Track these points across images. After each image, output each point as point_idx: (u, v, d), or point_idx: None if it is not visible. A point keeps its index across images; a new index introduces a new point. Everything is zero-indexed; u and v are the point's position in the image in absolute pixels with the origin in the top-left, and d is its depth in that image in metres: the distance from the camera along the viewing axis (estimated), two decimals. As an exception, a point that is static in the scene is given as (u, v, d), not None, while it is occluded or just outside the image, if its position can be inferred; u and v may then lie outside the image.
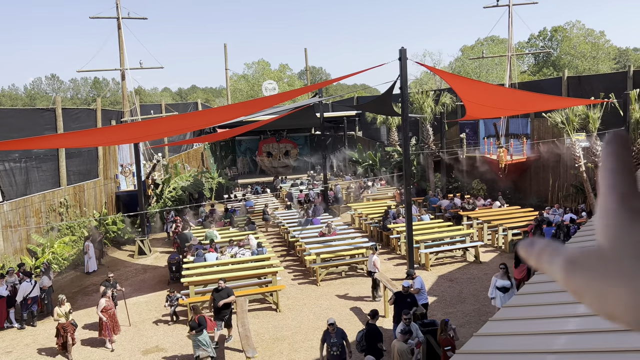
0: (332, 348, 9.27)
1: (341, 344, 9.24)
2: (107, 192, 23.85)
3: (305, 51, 44.83)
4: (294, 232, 19.15)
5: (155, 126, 15.07)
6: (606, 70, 49.67)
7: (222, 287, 11.88)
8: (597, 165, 19.45)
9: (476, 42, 61.70)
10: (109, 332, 11.91)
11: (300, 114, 22.00)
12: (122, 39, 23.56)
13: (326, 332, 9.44)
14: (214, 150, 37.24)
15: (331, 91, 72.04)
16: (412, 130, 30.30)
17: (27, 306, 13.52)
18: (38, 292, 13.84)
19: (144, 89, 74.08)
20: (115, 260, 19.76)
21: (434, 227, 18.91)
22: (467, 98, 15.86)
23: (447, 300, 13.58)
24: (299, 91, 22.44)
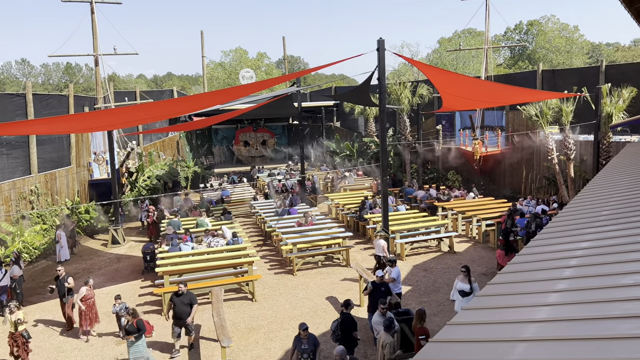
0: (303, 355, 8.64)
1: (312, 351, 8.68)
2: (80, 180, 23.39)
3: (283, 40, 44.53)
4: (271, 222, 19.11)
5: (129, 113, 14.80)
6: (579, 65, 50.59)
7: (183, 291, 10.87)
8: (569, 157, 19.88)
9: (453, 35, 62.13)
10: (87, 322, 11.74)
11: (278, 103, 21.90)
12: (95, 23, 22.99)
13: (297, 338, 8.84)
14: (190, 138, 36.80)
15: (309, 81, 71.80)
16: (390, 121, 30.46)
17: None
18: (8, 282, 13.55)
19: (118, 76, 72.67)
20: (88, 250, 19.44)
21: (409, 217, 19.10)
22: (444, 90, 15.98)
23: (422, 290, 13.76)
24: (276, 80, 22.28)
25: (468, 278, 10.67)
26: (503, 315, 4.39)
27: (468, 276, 10.69)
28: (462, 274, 10.78)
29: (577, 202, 8.88)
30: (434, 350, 4.10)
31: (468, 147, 25.22)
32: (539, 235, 7.01)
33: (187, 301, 10.82)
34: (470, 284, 10.63)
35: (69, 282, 12.33)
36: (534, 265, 5.61)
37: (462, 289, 10.59)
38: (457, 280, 10.84)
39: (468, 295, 10.41)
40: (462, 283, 10.68)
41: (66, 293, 12.25)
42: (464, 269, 10.81)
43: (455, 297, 10.74)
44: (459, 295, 10.59)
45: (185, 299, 10.82)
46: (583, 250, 5.61)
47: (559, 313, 4.03)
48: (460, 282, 10.75)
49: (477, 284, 10.78)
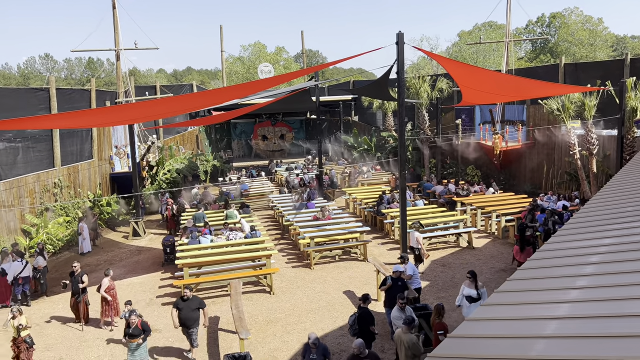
0: None
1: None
2: (102, 173, 23.76)
3: (302, 34, 44.42)
4: (289, 216, 19.19)
5: (150, 108, 14.95)
6: (603, 58, 49.60)
7: (189, 296, 10.33)
8: (592, 153, 19.55)
9: (474, 28, 61.39)
10: (112, 312, 11.99)
11: (296, 97, 21.88)
12: (116, 18, 23.25)
13: (306, 347, 8.45)
14: (209, 133, 37.08)
15: (327, 75, 71.70)
16: (408, 115, 30.28)
17: (18, 286, 13.53)
18: (29, 273, 13.83)
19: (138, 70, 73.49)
20: (109, 242, 19.77)
21: (427, 212, 19.00)
22: (464, 83, 15.80)
23: (440, 285, 13.70)
24: (295, 74, 22.30)
25: (475, 283, 10.23)
26: (523, 311, 4.36)
27: (475, 282, 10.24)
28: (468, 279, 10.32)
29: (600, 198, 8.74)
30: (452, 346, 4.09)
31: (488, 141, 24.94)
32: (560, 232, 6.93)
33: (195, 306, 10.28)
34: (477, 289, 10.19)
35: (83, 280, 12.14)
36: (554, 261, 5.56)
37: (469, 294, 10.16)
38: (464, 286, 10.37)
39: (476, 302, 10.00)
40: (469, 289, 10.22)
41: (80, 292, 12.10)
42: (470, 274, 10.35)
43: (462, 303, 10.29)
44: (466, 301, 10.18)
45: (193, 304, 10.28)
46: (605, 247, 5.53)
47: (580, 310, 3.99)
48: (466, 287, 10.29)
49: (485, 289, 10.33)
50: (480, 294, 10.10)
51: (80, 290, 12.09)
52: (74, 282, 12.13)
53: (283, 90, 21.62)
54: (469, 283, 10.25)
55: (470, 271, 10.44)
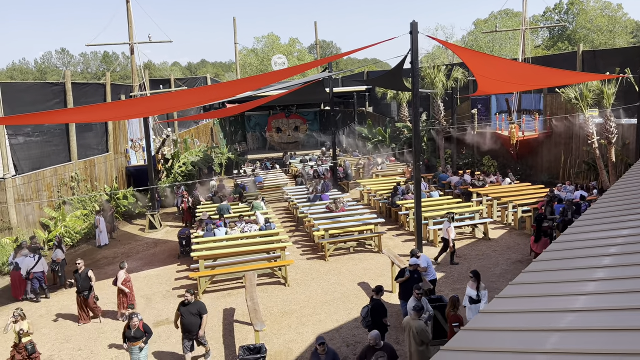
0: None
1: None
2: (118, 167, 24.01)
3: (315, 25, 44.30)
4: (303, 208, 19.20)
5: (164, 101, 15.03)
6: (623, 45, 48.57)
7: (190, 300, 9.82)
8: (610, 141, 19.20)
9: (490, 16, 60.50)
10: (129, 302, 12.12)
11: (310, 89, 21.82)
12: (130, 12, 23.36)
13: (314, 353, 7.98)
14: (224, 125, 37.21)
15: (341, 66, 71.35)
16: (423, 105, 30.02)
17: (30, 281, 13.67)
18: (44, 268, 13.92)
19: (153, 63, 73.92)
20: (126, 234, 20.00)
21: (443, 203, 18.86)
22: (480, 73, 15.60)
23: (455, 277, 13.62)
24: (308, 65, 22.21)
25: (477, 284, 9.90)
26: (538, 303, 4.30)
27: (477, 282, 9.91)
28: (471, 279, 10.03)
29: (619, 187, 8.58)
30: (467, 338, 4.05)
31: (504, 131, 24.63)
32: (577, 222, 6.82)
33: (195, 311, 9.81)
34: (478, 290, 9.84)
35: (90, 277, 12.00)
36: (571, 252, 5.47)
37: (470, 295, 9.89)
38: (467, 286, 10.09)
39: (476, 303, 9.70)
40: (471, 289, 9.95)
41: (88, 289, 11.95)
42: (472, 274, 10.07)
43: (466, 304, 10.01)
44: (468, 302, 9.89)
45: (193, 309, 9.81)
46: (624, 237, 5.42)
47: (596, 302, 3.92)
48: (469, 287, 10.02)
49: (487, 290, 9.97)
50: (480, 295, 9.78)
51: (89, 287, 11.97)
52: (79, 280, 11.95)
53: (297, 82, 21.57)
54: (472, 283, 9.99)
55: (472, 271, 10.18)
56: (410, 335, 8.40)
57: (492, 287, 12.68)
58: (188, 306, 9.81)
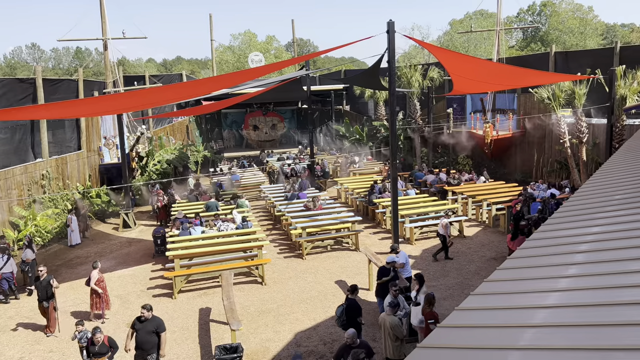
0: None
1: None
2: (91, 165, 23.56)
3: (292, 22, 44.12)
4: (280, 206, 19.15)
5: (139, 97, 14.80)
6: (593, 46, 49.73)
7: (147, 317, 8.95)
8: (582, 141, 19.63)
9: (465, 16, 61.27)
10: (103, 304, 11.90)
11: (287, 87, 21.77)
12: (103, 7, 22.93)
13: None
14: (199, 123, 36.80)
15: (319, 64, 71.34)
16: (400, 104, 30.23)
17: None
18: (13, 268, 13.49)
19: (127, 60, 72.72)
20: (99, 234, 19.64)
21: (419, 201, 19.02)
22: (455, 72, 15.76)
23: (431, 274, 13.75)
24: (285, 63, 22.15)
25: (418, 287, 9.74)
26: (512, 300, 4.36)
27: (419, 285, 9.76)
28: (414, 281, 9.94)
29: (589, 186, 8.77)
30: (442, 335, 4.09)
31: (479, 130, 24.97)
32: (550, 220, 6.95)
33: (153, 328, 8.93)
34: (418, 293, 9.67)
35: (54, 284, 11.25)
36: (544, 250, 5.57)
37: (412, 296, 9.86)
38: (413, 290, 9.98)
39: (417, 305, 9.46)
40: (414, 292, 9.89)
41: (49, 297, 11.17)
42: (416, 277, 9.92)
43: None
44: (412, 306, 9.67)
45: (150, 326, 8.93)
46: (594, 235, 5.54)
47: (569, 299, 3.99)
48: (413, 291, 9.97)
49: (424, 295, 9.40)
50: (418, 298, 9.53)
51: (50, 296, 11.19)
52: (40, 288, 11.19)
53: (274, 80, 21.49)
54: (415, 286, 9.89)
55: (417, 274, 10.09)
56: (385, 332, 8.48)
57: (467, 284, 12.86)
58: (145, 323, 8.93)
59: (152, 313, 9.10)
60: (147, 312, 8.99)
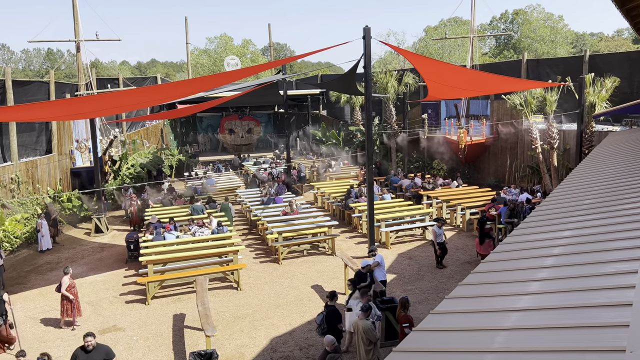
0: None
1: None
2: (62, 168, 23.04)
3: (269, 27, 44.03)
4: (256, 211, 19.04)
5: (112, 100, 14.54)
6: (564, 54, 50.97)
7: (93, 345, 8.13)
8: (553, 147, 20.06)
9: (440, 23, 62.11)
10: (75, 311, 11.61)
11: (264, 91, 21.68)
12: (76, 8, 22.52)
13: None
14: (174, 126, 36.43)
15: (295, 69, 71.39)
16: (376, 109, 30.46)
17: None
18: None
19: (100, 62, 71.56)
20: (70, 239, 19.21)
21: (394, 206, 19.15)
22: (430, 78, 15.96)
23: (406, 278, 13.84)
24: (262, 67, 22.04)
25: (352, 293, 9.80)
26: (485, 304, 4.41)
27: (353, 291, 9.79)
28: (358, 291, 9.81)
29: (560, 191, 8.96)
30: (417, 339, 4.11)
31: (453, 136, 25.31)
32: (522, 224, 7.06)
33: (101, 358, 8.20)
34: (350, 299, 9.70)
35: (6, 299, 10.37)
36: (517, 254, 5.65)
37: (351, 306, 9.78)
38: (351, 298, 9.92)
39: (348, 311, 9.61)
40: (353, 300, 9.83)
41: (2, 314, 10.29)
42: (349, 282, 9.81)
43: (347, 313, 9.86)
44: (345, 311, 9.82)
45: (97, 356, 8.15)
46: (565, 239, 5.66)
47: (540, 302, 4.06)
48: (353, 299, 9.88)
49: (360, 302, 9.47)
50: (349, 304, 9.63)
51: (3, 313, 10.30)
52: None
53: (250, 84, 21.39)
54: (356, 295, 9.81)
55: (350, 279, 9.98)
56: (358, 336, 8.50)
57: (442, 288, 12.97)
58: (91, 353, 8.10)
59: (96, 342, 8.28)
60: (93, 339, 8.16)
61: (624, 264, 4.16)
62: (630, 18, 10.99)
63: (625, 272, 3.96)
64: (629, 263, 4.12)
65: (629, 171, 8.81)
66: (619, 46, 55.88)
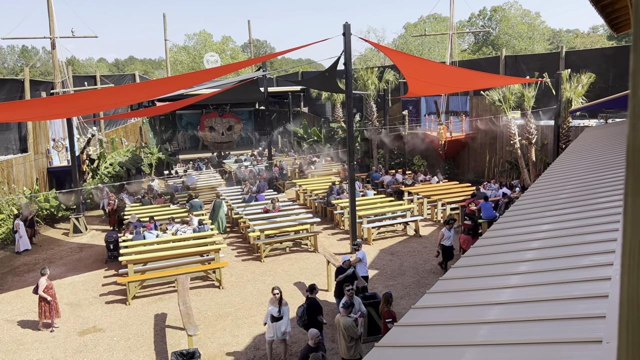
0: None
1: None
2: (39, 168, 22.61)
3: (248, 23, 43.81)
4: (238, 209, 18.95)
5: (89, 99, 14.31)
6: (541, 51, 51.68)
7: None
8: (531, 142, 20.35)
9: (419, 20, 62.44)
10: (53, 312, 11.41)
11: (244, 88, 21.58)
12: (51, 4, 22.06)
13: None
14: (153, 124, 35.99)
15: (276, 65, 71.10)
16: (356, 106, 30.50)
17: None
18: None
19: (77, 59, 70.38)
20: (48, 239, 18.88)
21: (376, 202, 19.23)
22: (410, 75, 16.05)
23: (388, 273, 13.92)
24: (242, 64, 21.91)
25: (279, 300, 9.42)
26: (467, 298, 4.46)
27: (279, 298, 9.43)
28: (274, 296, 9.49)
29: (538, 185, 9.09)
30: (400, 334, 4.13)
31: (433, 132, 25.51)
32: (502, 218, 7.15)
33: None
34: (280, 306, 9.37)
35: None
36: (496, 248, 5.72)
37: (272, 312, 9.39)
38: (269, 304, 9.54)
39: (278, 321, 9.35)
40: (272, 306, 9.40)
41: None
42: (277, 290, 9.52)
43: (267, 321, 9.50)
44: (269, 320, 9.43)
45: None
46: (544, 232, 5.74)
47: (521, 295, 4.11)
48: (271, 305, 9.47)
49: (288, 306, 9.57)
50: (282, 312, 9.38)
51: None
52: None
53: (230, 81, 21.25)
54: (274, 300, 9.48)
55: (275, 287, 9.69)
56: (340, 332, 8.55)
57: (423, 283, 13.08)
58: None
59: None
60: None
61: (600, 257, 4.24)
62: (605, 15, 11.19)
63: (601, 264, 4.03)
64: (605, 255, 4.20)
65: (603, 165, 8.98)
66: (594, 42, 56.91)
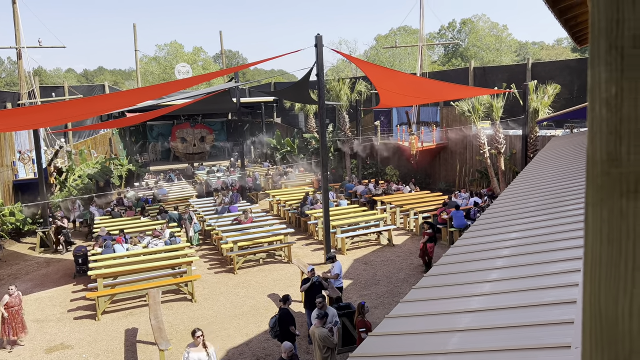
0: None
1: None
2: (3, 181, 21.95)
3: (220, 34, 43.65)
4: (210, 220, 18.74)
5: (57, 110, 14.00)
6: (508, 62, 52.98)
7: None
8: (500, 151, 20.78)
9: (390, 32, 63.34)
10: (10, 331, 11.01)
11: (216, 98, 21.45)
12: (17, 13, 21.61)
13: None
14: (123, 135, 35.41)
15: (248, 76, 70.99)
16: (329, 117, 30.64)
17: None
18: None
19: (44, 70, 68.92)
20: (14, 254, 18.30)
21: (350, 212, 19.29)
22: (381, 86, 16.23)
23: (362, 283, 13.95)
24: (214, 74, 21.84)
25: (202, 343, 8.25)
26: (439, 306, 4.50)
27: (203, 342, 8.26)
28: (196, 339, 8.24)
29: (507, 194, 9.27)
30: (374, 344, 4.13)
31: (405, 142, 25.80)
32: (472, 227, 7.26)
33: None
34: (206, 349, 8.26)
35: None
36: (468, 256, 5.80)
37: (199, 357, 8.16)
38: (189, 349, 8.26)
39: None
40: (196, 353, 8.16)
41: None
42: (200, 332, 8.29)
43: None
44: None
45: None
46: (513, 240, 5.85)
47: (492, 302, 4.17)
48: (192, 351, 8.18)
49: (214, 348, 8.50)
50: (209, 354, 8.23)
51: None
52: None
53: (202, 91, 21.11)
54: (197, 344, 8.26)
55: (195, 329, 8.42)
56: (316, 343, 8.52)
57: (397, 292, 13.15)
58: None
59: None
60: None
61: (568, 263, 4.34)
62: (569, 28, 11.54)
63: (569, 270, 4.13)
64: (573, 262, 4.30)
65: (570, 174, 9.23)
66: (559, 54, 58.63)
